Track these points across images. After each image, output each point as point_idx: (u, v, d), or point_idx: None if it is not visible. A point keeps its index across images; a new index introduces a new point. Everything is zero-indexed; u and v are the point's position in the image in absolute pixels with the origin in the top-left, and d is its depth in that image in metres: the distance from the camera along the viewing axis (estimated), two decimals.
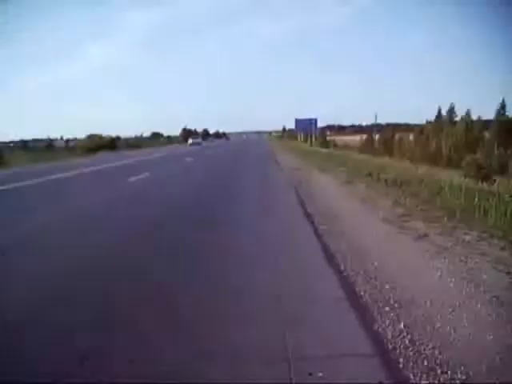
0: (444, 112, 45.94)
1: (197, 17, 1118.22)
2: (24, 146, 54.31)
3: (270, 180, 11.03)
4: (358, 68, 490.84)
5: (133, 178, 11.49)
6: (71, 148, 48.18)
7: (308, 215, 5.86)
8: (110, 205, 7.54)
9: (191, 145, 48.37)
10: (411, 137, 53.13)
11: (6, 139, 64.86)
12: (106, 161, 21.80)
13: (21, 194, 9.93)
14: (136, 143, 59.62)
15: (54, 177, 13.40)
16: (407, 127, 62.83)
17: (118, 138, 51.89)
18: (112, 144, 47.38)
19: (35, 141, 62.37)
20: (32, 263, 4.06)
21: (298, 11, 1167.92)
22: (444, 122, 44.82)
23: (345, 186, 9.01)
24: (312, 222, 5.38)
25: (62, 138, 64.58)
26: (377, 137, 55.02)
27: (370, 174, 10.28)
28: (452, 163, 33.20)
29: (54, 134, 71.42)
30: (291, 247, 4.32)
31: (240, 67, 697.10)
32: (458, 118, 43.21)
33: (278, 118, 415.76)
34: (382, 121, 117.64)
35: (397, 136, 54.03)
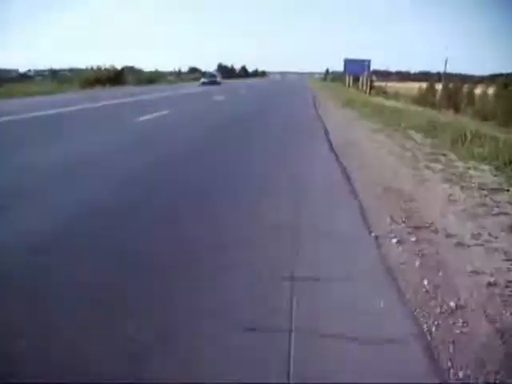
0: None
1: None
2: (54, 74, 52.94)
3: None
4: (416, 14, 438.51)
5: None
6: None
7: None
8: None
9: None
10: (478, 90, 44.04)
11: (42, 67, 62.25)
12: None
13: None
14: (149, 78, 51.26)
15: None
16: (466, 78, 52.83)
17: (123, 69, 42.97)
18: (116, 78, 39.37)
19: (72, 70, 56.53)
20: None
21: None
22: None
23: None
24: None
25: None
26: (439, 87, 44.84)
27: None
28: None
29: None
30: None
31: (287, 4, 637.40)
32: None
33: (321, 59, 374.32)
34: (432, 69, 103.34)
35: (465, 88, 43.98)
